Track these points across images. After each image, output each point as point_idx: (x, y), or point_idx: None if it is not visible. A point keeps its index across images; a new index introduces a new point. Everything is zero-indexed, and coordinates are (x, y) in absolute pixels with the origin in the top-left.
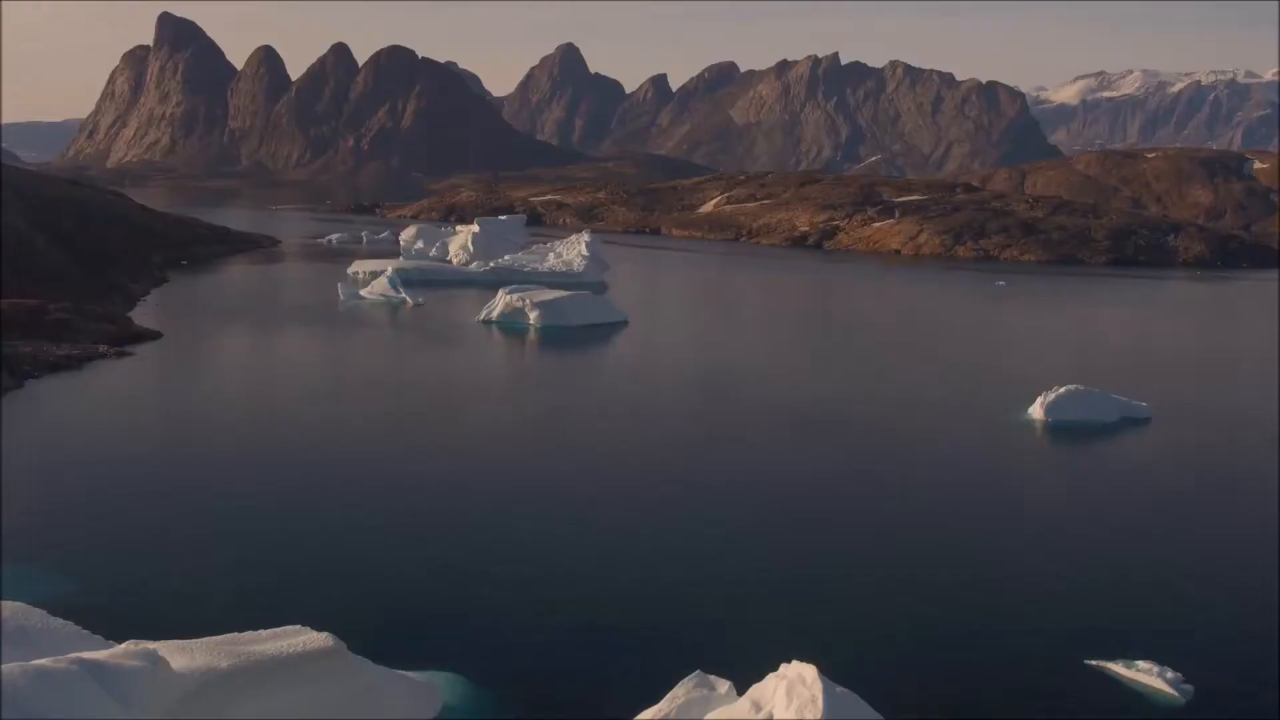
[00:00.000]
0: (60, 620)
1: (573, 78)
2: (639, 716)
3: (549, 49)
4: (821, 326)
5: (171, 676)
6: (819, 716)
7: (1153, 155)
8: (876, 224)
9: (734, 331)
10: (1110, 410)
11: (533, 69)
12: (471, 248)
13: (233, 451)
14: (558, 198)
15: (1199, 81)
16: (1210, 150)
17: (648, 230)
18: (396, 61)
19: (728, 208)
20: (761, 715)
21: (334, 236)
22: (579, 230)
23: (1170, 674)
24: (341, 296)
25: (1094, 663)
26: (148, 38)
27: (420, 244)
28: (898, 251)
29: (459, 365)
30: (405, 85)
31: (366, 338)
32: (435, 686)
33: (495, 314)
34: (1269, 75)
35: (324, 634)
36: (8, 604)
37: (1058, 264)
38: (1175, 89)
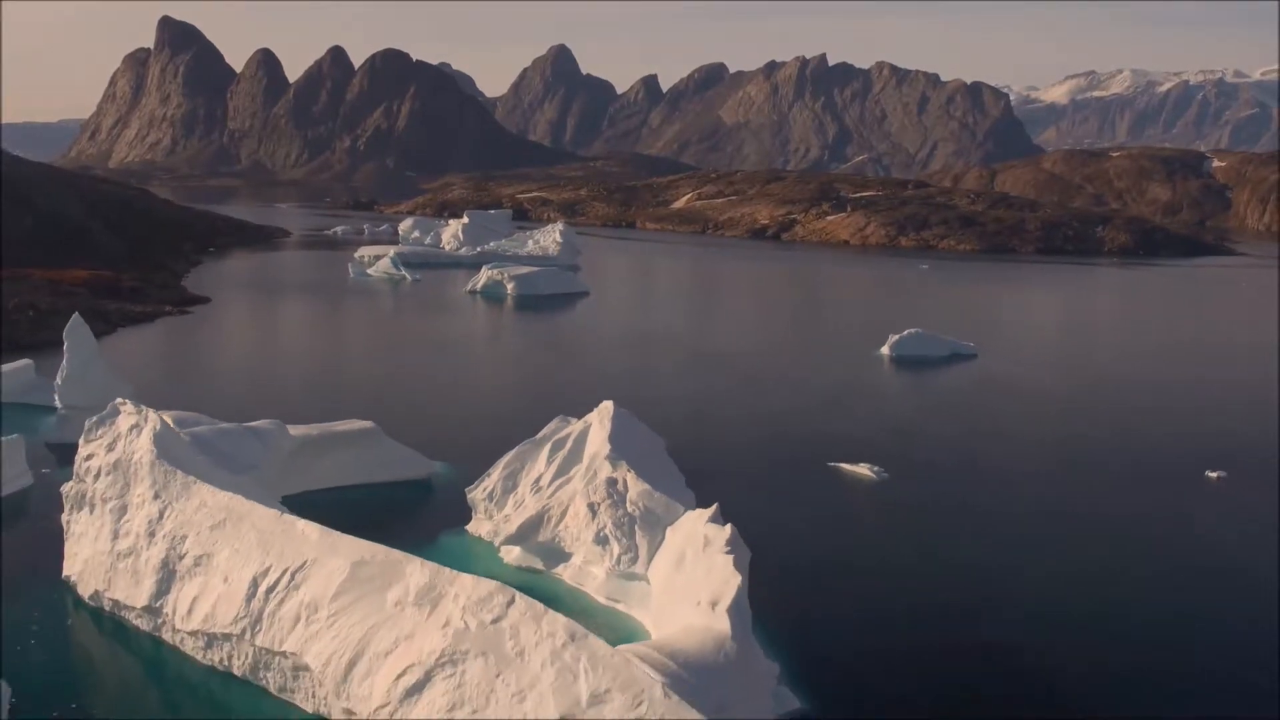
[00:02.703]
0: (222, 420)
1: (565, 78)
2: (525, 441)
3: (541, 50)
4: (748, 297)
5: (288, 437)
6: (610, 419)
7: (1117, 154)
8: (830, 217)
9: (674, 300)
10: (942, 348)
11: (525, 70)
12: (461, 236)
13: (293, 355)
14: (543, 194)
15: (1187, 81)
16: (1171, 149)
17: (624, 224)
18: (391, 64)
19: (698, 203)
20: (584, 427)
21: (338, 228)
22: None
23: (879, 468)
24: (351, 274)
25: (833, 464)
26: (141, 40)
27: (416, 233)
28: (846, 242)
29: (446, 318)
30: (400, 87)
31: (374, 302)
32: (430, 462)
33: (479, 285)
34: (1257, 75)
35: (369, 422)
36: (190, 412)
37: (991, 253)
38: (1163, 88)
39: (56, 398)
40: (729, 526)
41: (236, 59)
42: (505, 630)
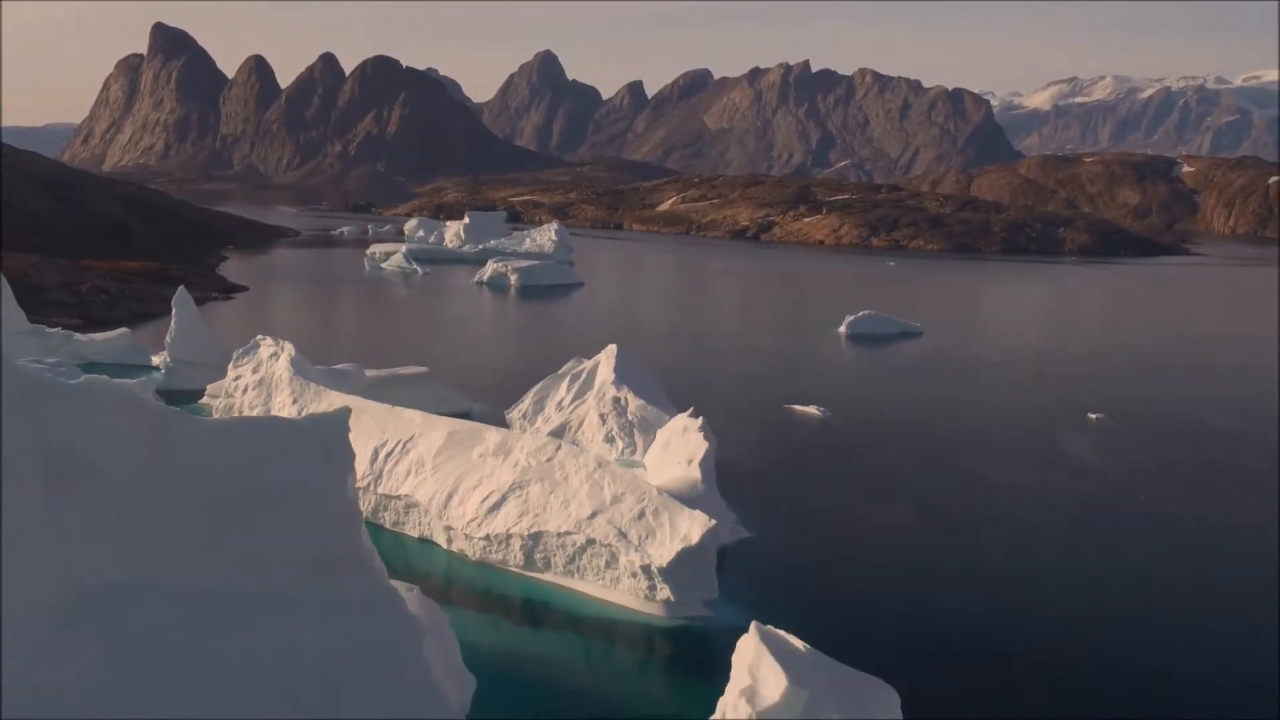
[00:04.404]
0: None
1: (551, 84)
2: (548, 375)
3: (527, 55)
4: (725, 287)
5: (364, 378)
6: (614, 357)
7: (1090, 159)
8: (806, 219)
9: (660, 290)
10: (892, 327)
11: (512, 75)
12: (463, 235)
13: (339, 327)
14: (534, 198)
15: (1169, 88)
16: (1142, 155)
17: (612, 225)
18: (382, 70)
19: (682, 206)
20: (594, 364)
21: (343, 229)
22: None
23: (825, 409)
24: (367, 268)
25: (788, 406)
26: (128, 45)
27: (421, 232)
28: (821, 242)
29: (461, 302)
30: (390, 93)
31: (395, 291)
32: (470, 401)
33: (485, 278)
34: (1239, 81)
35: (424, 368)
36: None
37: (957, 252)
38: (1145, 95)
39: (166, 354)
40: (700, 418)
41: (229, 65)
42: (555, 465)
